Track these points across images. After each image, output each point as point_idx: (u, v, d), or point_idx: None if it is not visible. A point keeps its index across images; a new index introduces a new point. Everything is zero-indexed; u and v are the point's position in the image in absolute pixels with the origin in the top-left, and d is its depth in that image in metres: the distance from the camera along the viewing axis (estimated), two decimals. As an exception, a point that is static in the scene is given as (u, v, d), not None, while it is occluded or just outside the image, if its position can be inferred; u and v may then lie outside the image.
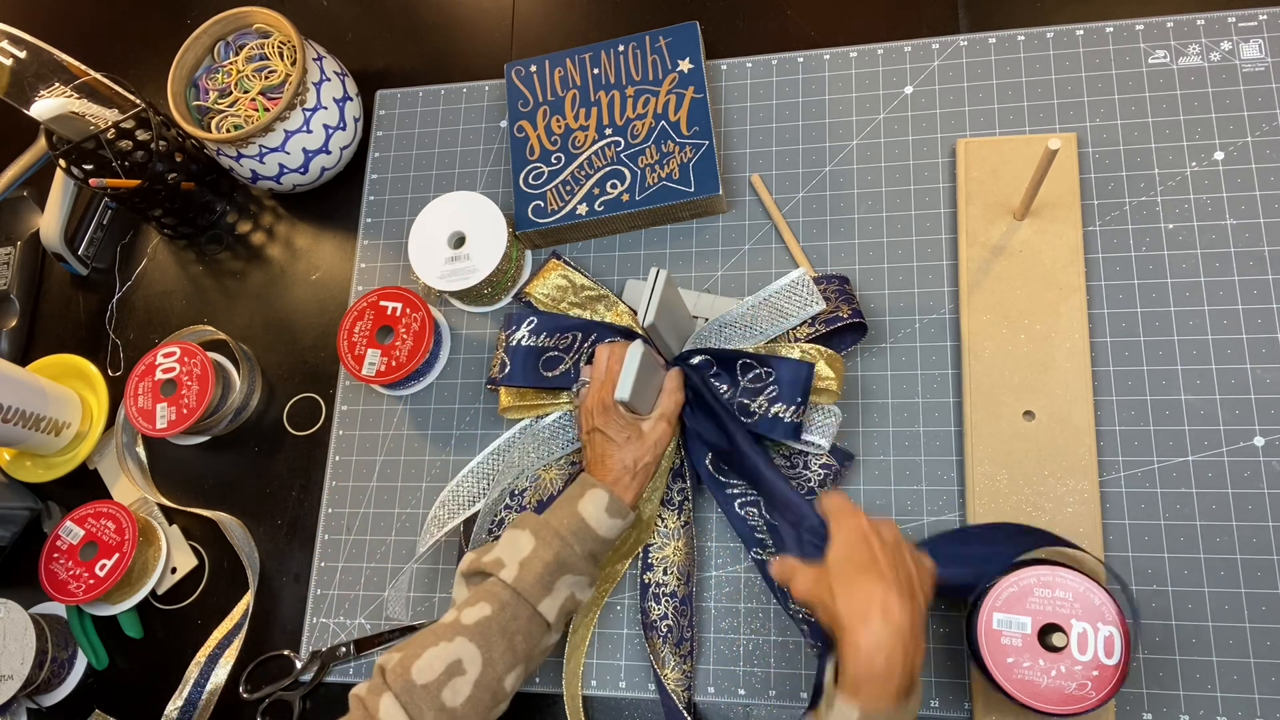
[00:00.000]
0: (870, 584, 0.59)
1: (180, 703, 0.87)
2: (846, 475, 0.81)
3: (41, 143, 0.97)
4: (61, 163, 0.95)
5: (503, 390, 0.85)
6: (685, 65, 0.91)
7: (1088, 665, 0.65)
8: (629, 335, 0.83)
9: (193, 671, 0.88)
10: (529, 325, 0.85)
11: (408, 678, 0.64)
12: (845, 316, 0.79)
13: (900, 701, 0.57)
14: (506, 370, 0.84)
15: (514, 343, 0.84)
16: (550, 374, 0.83)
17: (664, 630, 0.78)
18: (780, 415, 0.76)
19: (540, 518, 0.71)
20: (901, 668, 0.56)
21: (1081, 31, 0.87)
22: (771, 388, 0.77)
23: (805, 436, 0.77)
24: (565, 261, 0.89)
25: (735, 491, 0.80)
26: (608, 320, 0.85)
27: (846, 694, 0.57)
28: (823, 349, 0.79)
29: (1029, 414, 0.78)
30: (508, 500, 0.83)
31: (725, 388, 0.79)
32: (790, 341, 0.80)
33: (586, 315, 0.86)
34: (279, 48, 0.96)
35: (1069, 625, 0.66)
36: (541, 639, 0.69)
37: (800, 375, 0.76)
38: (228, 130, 0.94)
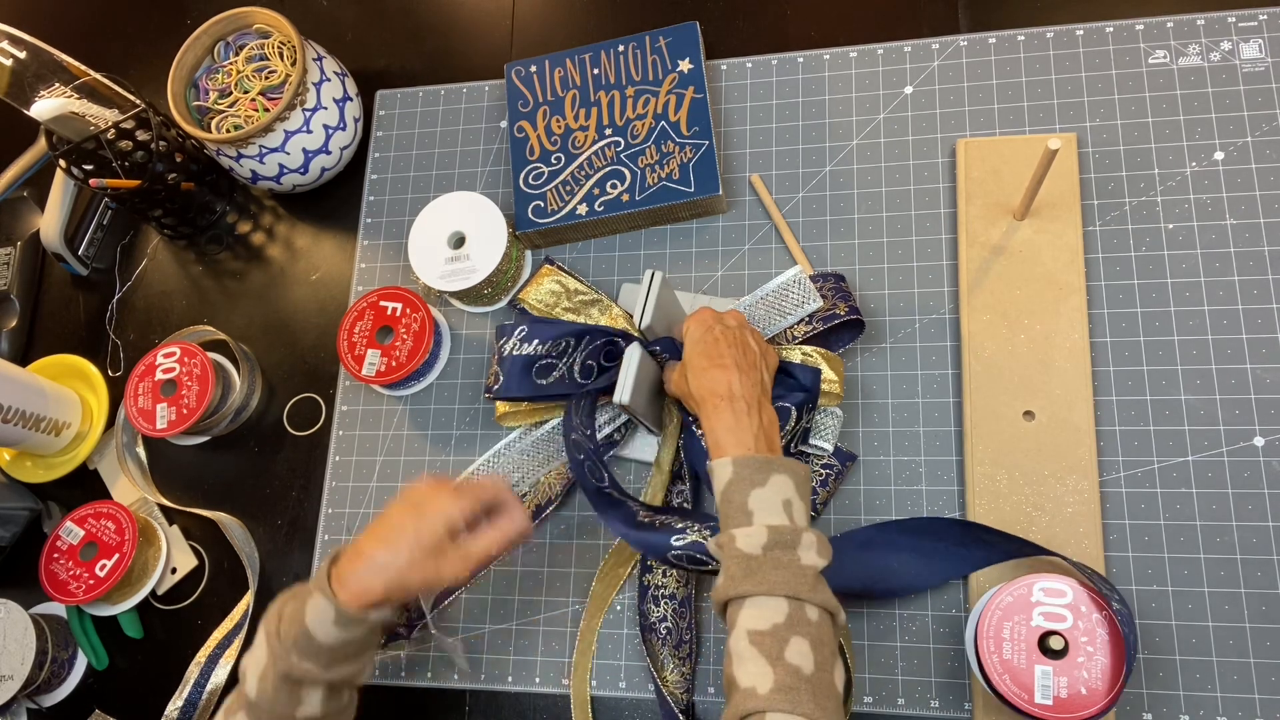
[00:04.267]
0: (716, 369, 0.68)
1: (180, 703, 0.87)
2: (847, 475, 0.81)
3: (41, 143, 0.97)
4: (61, 163, 0.95)
5: (499, 397, 0.85)
6: (685, 65, 0.91)
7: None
8: (625, 338, 0.83)
9: (193, 672, 0.88)
10: (519, 334, 0.81)
11: None
12: (842, 314, 0.79)
13: (759, 451, 0.65)
14: (500, 383, 0.81)
15: (506, 353, 0.82)
16: (544, 381, 0.80)
17: (663, 632, 0.78)
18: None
19: (274, 613, 0.65)
20: (749, 423, 0.66)
21: (1081, 31, 0.87)
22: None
23: (811, 440, 0.77)
24: (559, 266, 0.89)
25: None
26: (603, 324, 0.85)
27: (715, 456, 0.66)
28: (823, 351, 0.78)
29: (1029, 414, 0.78)
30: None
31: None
32: (789, 341, 0.80)
33: (581, 320, 0.86)
34: (279, 48, 0.96)
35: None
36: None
37: (809, 381, 0.76)
38: (228, 130, 0.94)
